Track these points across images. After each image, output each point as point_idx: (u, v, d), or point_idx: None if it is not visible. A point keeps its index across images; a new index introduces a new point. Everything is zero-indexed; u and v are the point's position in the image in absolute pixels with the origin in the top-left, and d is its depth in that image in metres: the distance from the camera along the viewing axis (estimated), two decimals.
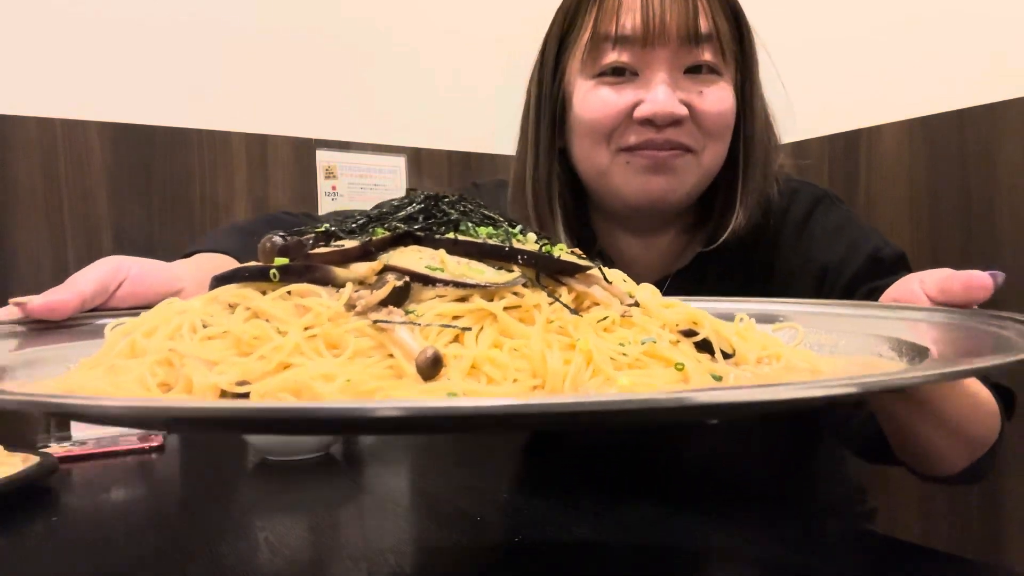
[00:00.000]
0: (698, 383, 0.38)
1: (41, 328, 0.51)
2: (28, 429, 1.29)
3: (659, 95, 0.71)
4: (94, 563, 0.69)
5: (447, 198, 0.48)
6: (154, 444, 1.18)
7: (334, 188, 1.59)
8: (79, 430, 1.28)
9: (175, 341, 0.40)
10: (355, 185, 1.61)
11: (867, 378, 0.30)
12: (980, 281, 0.54)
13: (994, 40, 1.14)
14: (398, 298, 0.40)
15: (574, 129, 0.78)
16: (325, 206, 1.57)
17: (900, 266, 0.77)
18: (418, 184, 1.67)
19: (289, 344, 0.37)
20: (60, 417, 0.34)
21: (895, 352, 0.46)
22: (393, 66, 1.66)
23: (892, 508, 1.23)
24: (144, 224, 1.40)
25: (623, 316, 0.43)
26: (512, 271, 0.42)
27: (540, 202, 0.81)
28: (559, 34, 0.80)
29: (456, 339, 0.39)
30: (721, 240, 0.78)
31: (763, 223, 0.80)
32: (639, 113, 0.72)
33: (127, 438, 1.23)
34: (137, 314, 0.46)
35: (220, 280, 0.44)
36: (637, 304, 0.44)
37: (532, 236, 0.47)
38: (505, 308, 0.40)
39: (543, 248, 0.45)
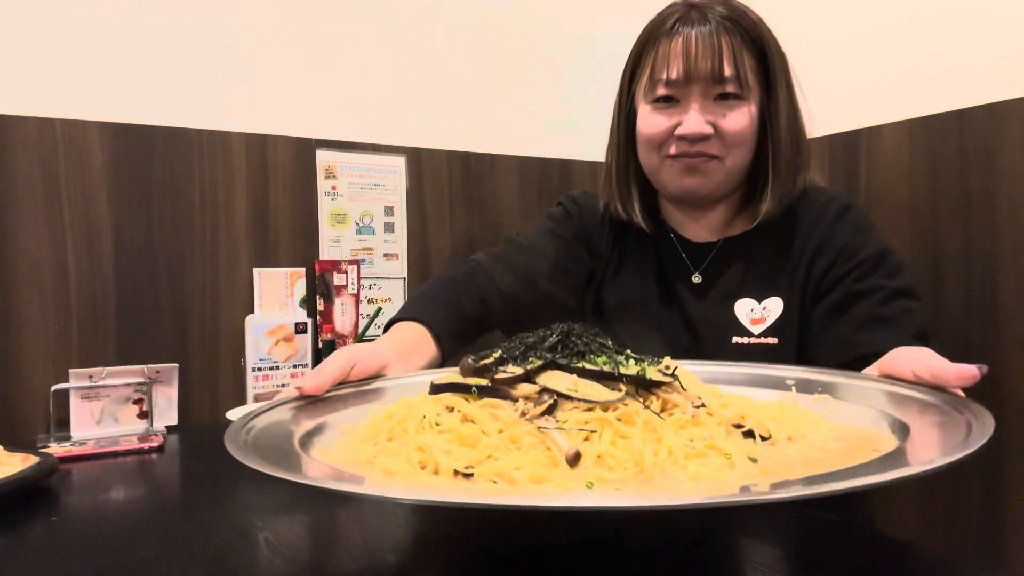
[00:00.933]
0: (739, 465, 0.56)
1: (307, 402, 0.75)
2: (28, 429, 1.30)
3: (691, 120, 1.01)
4: (94, 563, 0.69)
5: (575, 331, 0.69)
6: (154, 444, 1.18)
7: (334, 188, 1.59)
8: (79, 430, 1.28)
9: (423, 434, 0.61)
10: (355, 185, 1.61)
11: (852, 480, 0.50)
12: (970, 372, 0.66)
13: (994, 40, 1.14)
14: (551, 410, 0.61)
15: (638, 139, 1.08)
16: (325, 206, 1.57)
17: (899, 271, 0.98)
18: (418, 184, 1.67)
19: (493, 442, 0.58)
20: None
21: (887, 424, 0.64)
22: (393, 66, 1.66)
23: (891, 508, 1.23)
24: (144, 224, 1.40)
25: (693, 416, 0.61)
26: (620, 389, 0.63)
27: (622, 189, 1.12)
28: (631, 69, 1.09)
29: (587, 438, 0.58)
30: (758, 221, 1.05)
31: (800, 213, 1.05)
32: (678, 132, 1.01)
33: (127, 438, 1.23)
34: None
35: (438, 388, 0.66)
36: (703, 404, 0.63)
37: (632, 362, 0.66)
38: (617, 417, 0.60)
39: (639, 371, 0.65)
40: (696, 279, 1.10)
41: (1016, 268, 1.11)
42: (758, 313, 1.05)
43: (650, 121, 1.04)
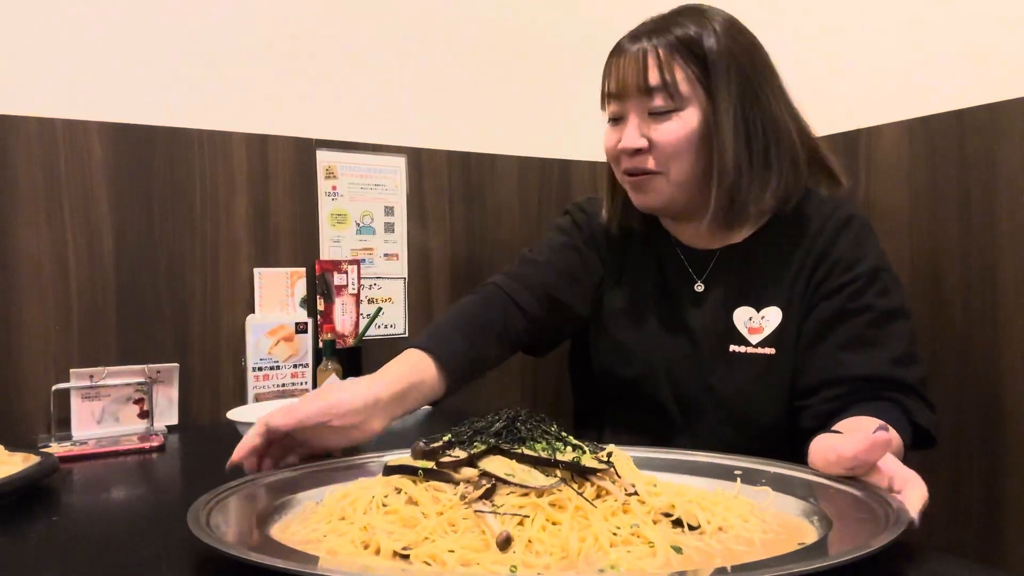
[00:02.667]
0: (661, 554, 0.59)
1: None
2: (28, 429, 1.30)
3: (626, 134, 1.03)
4: (94, 563, 0.69)
5: (520, 417, 0.73)
6: (155, 444, 1.18)
7: (334, 188, 1.59)
8: (80, 430, 1.28)
9: (370, 515, 0.65)
10: (355, 185, 1.61)
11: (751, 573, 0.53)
12: (866, 445, 0.69)
13: (994, 40, 1.14)
14: (489, 494, 0.64)
15: None
16: (325, 206, 1.58)
17: (891, 289, 1.00)
18: (418, 184, 1.68)
19: (431, 524, 0.62)
20: None
21: (816, 517, 0.68)
22: (393, 66, 1.66)
23: None
24: (144, 224, 1.40)
25: (624, 504, 0.64)
26: (556, 475, 0.66)
27: (615, 200, 1.14)
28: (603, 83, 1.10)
29: (521, 523, 0.60)
30: (756, 229, 1.07)
31: (805, 221, 1.04)
32: (619, 147, 1.04)
33: (128, 438, 1.24)
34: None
35: (391, 470, 0.71)
36: (636, 492, 0.66)
37: (569, 449, 0.69)
38: (550, 503, 0.62)
39: (575, 458, 0.68)
40: (699, 287, 1.09)
41: (1016, 268, 1.11)
42: (756, 322, 1.04)
43: (605, 139, 1.08)
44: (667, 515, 0.65)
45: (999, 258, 1.13)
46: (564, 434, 0.72)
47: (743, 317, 1.05)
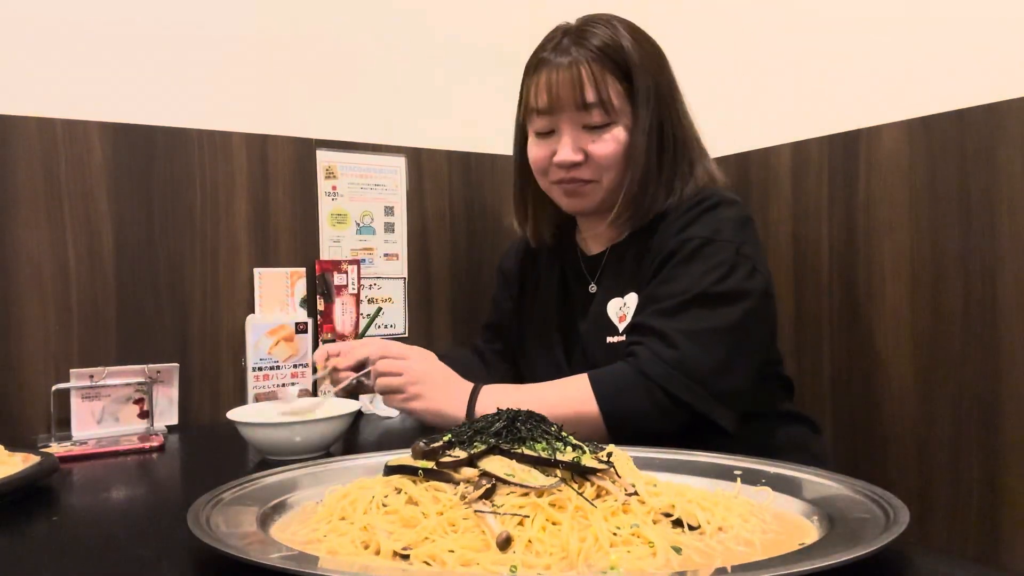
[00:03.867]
0: (661, 555, 0.58)
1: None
2: (28, 429, 1.30)
3: (562, 150, 1.09)
4: (94, 563, 0.69)
5: (520, 417, 0.73)
6: (155, 444, 1.18)
7: (334, 188, 1.59)
8: (80, 430, 1.28)
9: (370, 515, 0.65)
10: (355, 185, 1.61)
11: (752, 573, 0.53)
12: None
13: (994, 40, 1.14)
14: (488, 494, 0.64)
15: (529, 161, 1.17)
16: (325, 206, 1.58)
17: (706, 254, 1.03)
18: (418, 184, 1.67)
19: (431, 524, 0.61)
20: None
21: (816, 517, 0.68)
22: (393, 66, 1.66)
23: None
24: (144, 224, 1.40)
25: (624, 504, 0.64)
26: (556, 475, 0.66)
27: (517, 206, 1.26)
28: (523, 92, 1.17)
29: (521, 523, 0.61)
30: (629, 231, 1.14)
31: (670, 214, 1.09)
32: (554, 160, 1.10)
33: (127, 438, 1.24)
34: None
35: (391, 470, 0.71)
36: (636, 492, 0.66)
37: (569, 449, 0.69)
38: (550, 503, 0.62)
39: (575, 457, 0.68)
40: (592, 288, 1.18)
41: (1016, 268, 1.11)
42: (622, 311, 1.10)
43: (533, 151, 1.14)
44: (667, 515, 0.66)
45: (999, 258, 1.13)
46: (564, 434, 0.72)
47: (614, 308, 1.11)
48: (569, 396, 0.98)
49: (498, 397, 0.98)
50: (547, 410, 0.76)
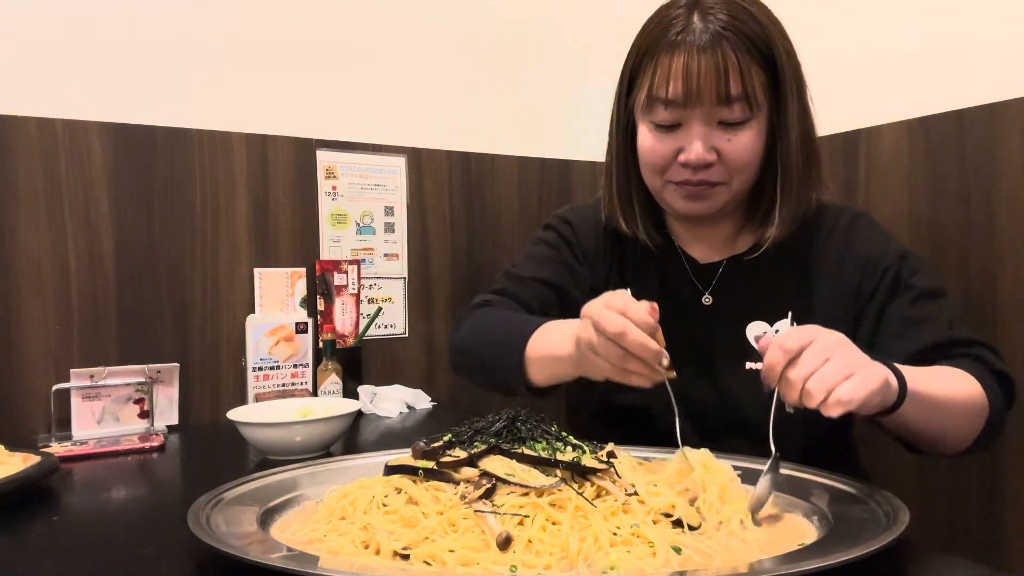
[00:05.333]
0: (661, 555, 0.59)
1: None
2: (28, 429, 1.30)
3: (694, 147, 0.92)
4: (94, 563, 0.69)
5: (521, 417, 0.73)
6: (155, 444, 1.18)
7: (334, 188, 1.59)
8: (80, 429, 1.28)
9: (370, 515, 0.65)
10: (355, 185, 1.61)
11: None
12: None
13: (994, 40, 1.14)
14: (489, 494, 0.64)
15: (640, 159, 0.99)
16: (325, 206, 1.58)
17: (920, 269, 0.96)
18: (418, 184, 1.68)
19: (431, 524, 0.62)
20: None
21: (815, 516, 0.70)
22: (393, 66, 1.66)
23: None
24: (144, 224, 1.40)
25: (624, 504, 0.64)
26: (556, 475, 0.66)
27: (624, 207, 1.04)
28: (629, 77, 0.99)
29: (521, 522, 0.61)
30: (766, 245, 0.97)
31: (812, 231, 1.00)
32: (681, 158, 0.94)
33: (128, 437, 1.24)
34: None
35: (391, 470, 0.71)
36: (636, 492, 0.66)
37: (570, 448, 0.70)
38: (550, 503, 0.63)
39: (575, 457, 0.68)
40: (707, 300, 1.03)
41: (1016, 268, 1.11)
42: (771, 336, 0.96)
43: (651, 145, 0.96)
44: (667, 515, 0.66)
45: (999, 258, 1.13)
46: (564, 434, 0.73)
47: (756, 333, 0.99)
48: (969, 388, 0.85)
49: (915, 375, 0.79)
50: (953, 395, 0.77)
